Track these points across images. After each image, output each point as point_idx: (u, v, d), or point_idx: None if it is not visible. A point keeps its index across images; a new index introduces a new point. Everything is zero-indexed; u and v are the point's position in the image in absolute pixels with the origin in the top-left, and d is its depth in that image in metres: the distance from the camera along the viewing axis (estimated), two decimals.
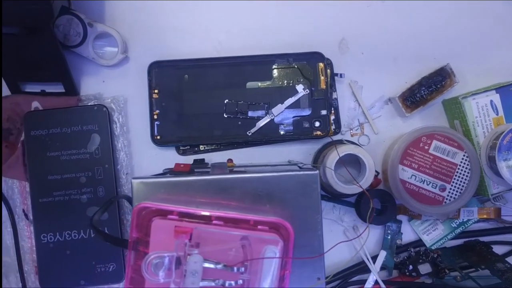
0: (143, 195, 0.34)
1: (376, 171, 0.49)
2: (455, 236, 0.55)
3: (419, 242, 0.55)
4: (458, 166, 0.50)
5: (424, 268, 0.52)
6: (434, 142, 0.50)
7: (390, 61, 0.55)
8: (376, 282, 0.52)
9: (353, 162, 0.52)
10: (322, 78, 0.53)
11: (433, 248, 0.54)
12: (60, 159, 0.52)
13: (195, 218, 0.31)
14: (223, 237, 0.30)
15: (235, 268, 0.29)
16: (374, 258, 0.53)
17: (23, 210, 0.54)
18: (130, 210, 0.53)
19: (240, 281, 0.30)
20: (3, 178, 0.54)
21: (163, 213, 0.31)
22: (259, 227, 0.31)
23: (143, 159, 0.55)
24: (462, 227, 0.54)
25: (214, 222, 0.31)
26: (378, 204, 0.53)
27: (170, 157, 0.55)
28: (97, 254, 0.52)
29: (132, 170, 0.54)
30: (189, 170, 0.40)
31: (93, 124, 0.52)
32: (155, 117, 0.53)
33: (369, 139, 0.55)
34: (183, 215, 0.31)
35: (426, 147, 0.50)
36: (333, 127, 0.54)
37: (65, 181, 0.52)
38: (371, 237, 0.54)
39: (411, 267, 0.53)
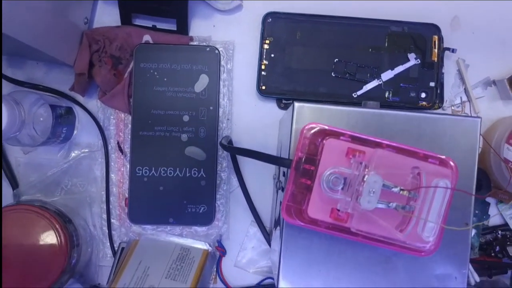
0: (303, 119, 0.33)
1: None
2: None
3: (505, 226, 0.55)
4: None
5: (511, 251, 0.53)
6: None
7: (499, 44, 0.55)
8: None
9: None
10: (435, 50, 0.53)
11: None
12: (166, 95, 0.52)
13: (366, 142, 0.31)
14: (396, 163, 0.30)
15: (412, 193, 0.29)
16: None
17: (118, 142, 0.54)
18: (226, 155, 0.53)
19: (411, 207, 0.30)
20: (101, 107, 0.54)
21: (334, 134, 0.31)
22: (429, 160, 0.31)
23: (243, 107, 0.55)
24: None
25: (386, 149, 0.31)
26: None
27: (270, 109, 0.55)
28: (189, 194, 0.52)
29: (231, 116, 0.54)
30: None
31: (203, 65, 0.52)
32: (263, 67, 0.53)
33: None
34: (354, 138, 0.31)
35: None
36: (436, 101, 0.54)
37: (168, 117, 0.52)
38: None
39: (498, 248, 0.53)
